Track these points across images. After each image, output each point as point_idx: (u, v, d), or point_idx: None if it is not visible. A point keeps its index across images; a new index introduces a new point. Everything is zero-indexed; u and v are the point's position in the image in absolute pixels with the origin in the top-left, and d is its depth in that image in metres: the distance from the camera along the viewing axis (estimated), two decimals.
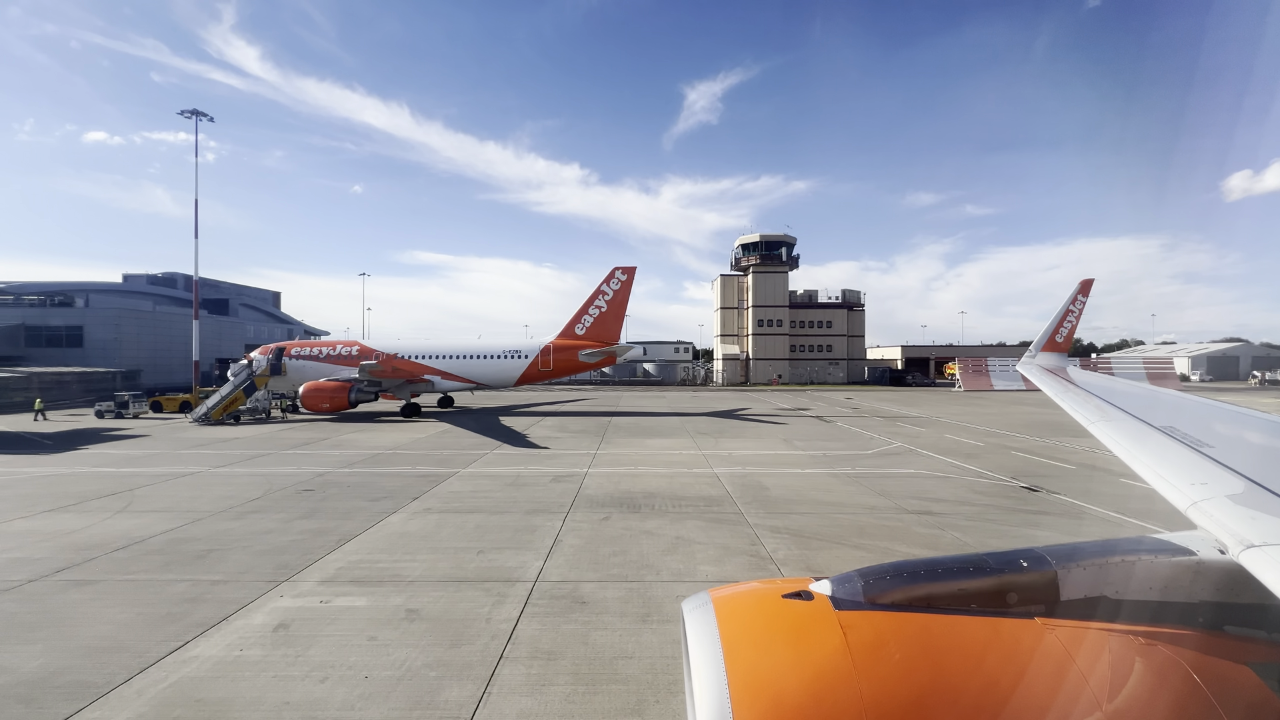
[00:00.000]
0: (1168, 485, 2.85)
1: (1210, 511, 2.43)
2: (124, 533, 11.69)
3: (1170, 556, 2.48)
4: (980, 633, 2.32)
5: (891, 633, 2.29)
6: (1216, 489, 2.60)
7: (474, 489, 15.67)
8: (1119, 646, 2.26)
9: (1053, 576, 2.47)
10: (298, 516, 12.91)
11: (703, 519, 12.78)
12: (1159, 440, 3.47)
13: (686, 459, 20.36)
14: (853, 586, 2.49)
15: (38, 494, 15.11)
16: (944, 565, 2.57)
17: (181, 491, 15.34)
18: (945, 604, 2.42)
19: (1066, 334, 8.10)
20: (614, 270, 37.64)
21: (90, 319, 51.84)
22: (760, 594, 2.68)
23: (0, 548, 10.80)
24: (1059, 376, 6.10)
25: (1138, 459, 3.27)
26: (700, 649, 2.27)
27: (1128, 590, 2.44)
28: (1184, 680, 2.16)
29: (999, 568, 2.52)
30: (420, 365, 35.42)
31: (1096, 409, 4.40)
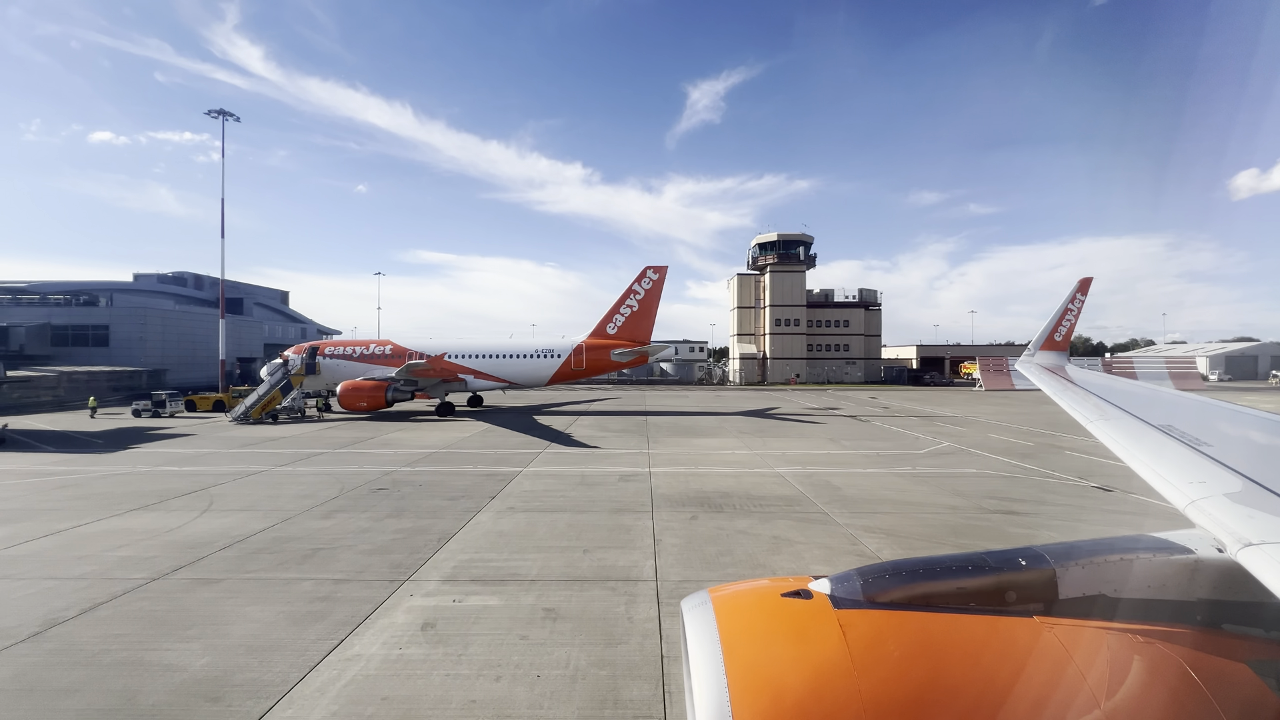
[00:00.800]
0: (1166, 484, 2.85)
1: (1208, 510, 2.42)
2: (222, 531, 11.73)
3: (1168, 555, 2.49)
4: (979, 631, 2.33)
5: (890, 631, 2.29)
6: (1214, 488, 2.60)
7: (546, 488, 15.68)
8: (1117, 644, 2.27)
9: (1051, 575, 2.47)
10: (385, 516, 12.94)
11: (789, 519, 12.77)
12: (1157, 439, 3.50)
13: (742, 458, 20.35)
14: (852, 585, 2.49)
15: (115, 492, 15.16)
16: (943, 564, 2.58)
17: (257, 491, 15.38)
18: (944, 602, 2.42)
19: (1065, 333, 8.14)
20: (645, 270, 37.64)
21: (116, 318, 52.02)
22: (760, 593, 2.68)
23: (106, 546, 10.84)
24: (1057, 375, 6.14)
25: (1136, 458, 3.28)
26: (700, 647, 2.27)
27: (1126, 588, 2.45)
28: (1182, 678, 2.16)
29: (998, 566, 2.53)
30: (458, 365, 35.47)
31: (1095, 408, 4.41)
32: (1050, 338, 7.94)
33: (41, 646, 7.11)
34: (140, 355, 50.95)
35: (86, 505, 13.85)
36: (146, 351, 51.22)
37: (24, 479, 16.91)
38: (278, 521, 12.44)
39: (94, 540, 11.18)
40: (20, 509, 13.53)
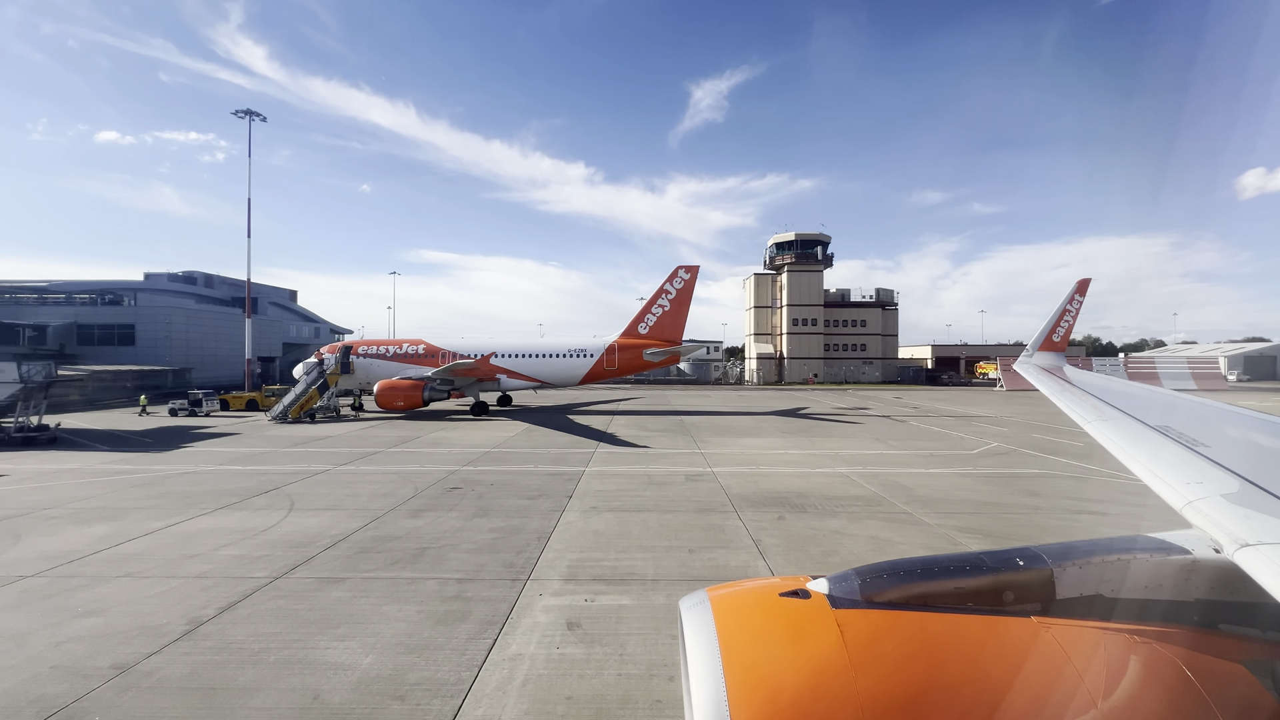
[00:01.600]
0: (1163, 484, 2.85)
1: (1205, 510, 2.42)
2: (318, 530, 11.76)
3: (1165, 555, 2.49)
4: (977, 631, 2.33)
5: (888, 631, 2.29)
6: (1212, 488, 2.60)
7: (618, 488, 15.68)
8: (1114, 644, 2.27)
9: (1049, 575, 2.47)
10: (472, 515, 12.95)
11: (876, 519, 12.76)
12: (1154, 440, 3.49)
13: (797, 458, 20.33)
14: (849, 585, 2.49)
15: (191, 491, 15.21)
16: (940, 564, 2.58)
17: (332, 490, 15.41)
18: (942, 602, 2.42)
19: (1064, 333, 8.14)
20: (677, 269, 37.62)
21: (141, 317, 52.20)
22: (757, 592, 2.69)
23: (212, 545, 10.88)
24: (1056, 376, 6.14)
25: (1133, 458, 3.28)
26: (698, 647, 2.27)
27: (1123, 589, 2.45)
28: (1179, 678, 2.16)
29: (995, 566, 2.53)
30: (496, 365, 35.49)
31: (1093, 408, 4.41)
32: (1049, 338, 7.98)
33: (200, 645, 7.13)
34: (166, 354, 51.10)
35: (170, 504, 13.90)
36: (172, 350, 51.38)
37: (97, 477, 16.98)
38: (369, 521, 12.47)
39: (197, 539, 11.22)
40: (108, 507, 13.58)
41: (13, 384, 22.50)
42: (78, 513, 13.11)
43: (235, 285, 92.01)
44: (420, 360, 36.15)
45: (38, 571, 9.53)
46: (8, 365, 22.66)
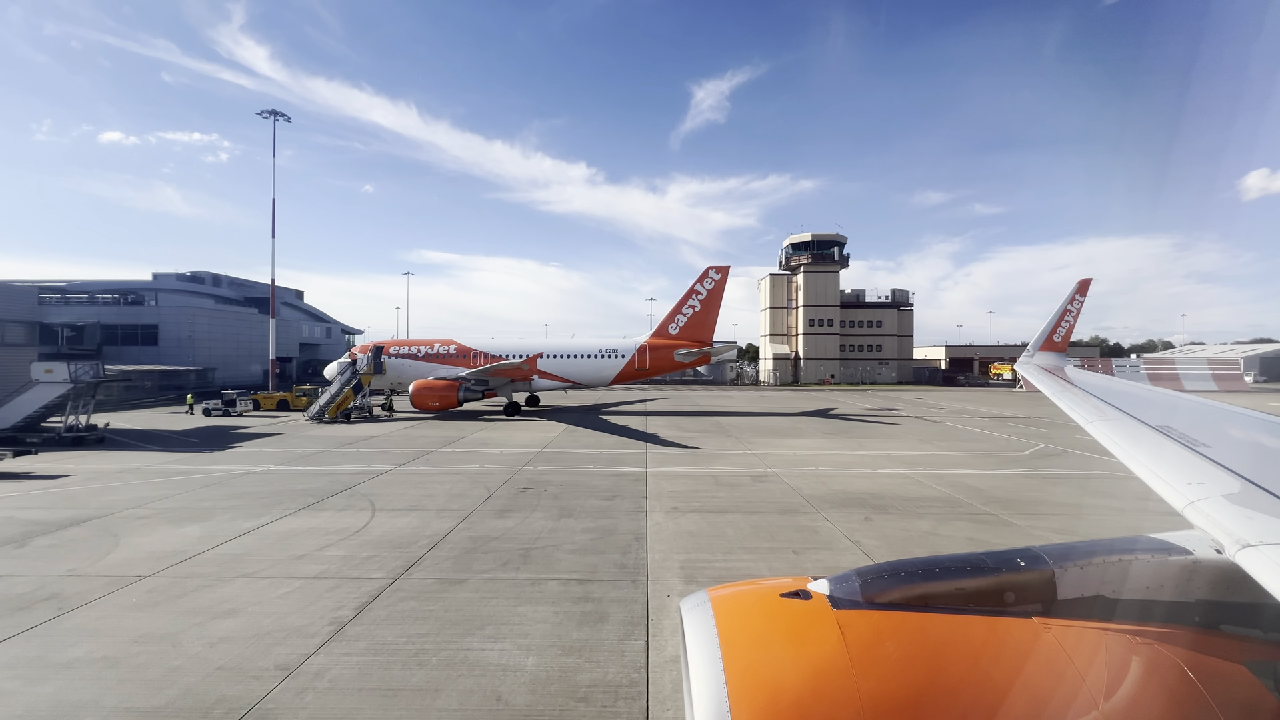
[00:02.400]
0: (1164, 485, 2.84)
1: (1207, 511, 2.41)
2: (412, 531, 11.74)
3: (1167, 556, 2.48)
4: (978, 632, 2.32)
5: (889, 632, 2.29)
6: (1213, 489, 2.59)
7: (690, 489, 15.65)
8: (1116, 645, 2.26)
9: (1050, 576, 2.47)
10: (558, 515, 12.93)
11: (963, 520, 12.72)
12: (1156, 440, 3.48)
13: (852, 459, 20.28)
14: (850, 586, 2.49)
15: (262, 491, 15.20)
16: (941, 564, 2.58)
17: (405, 490, 15.39)
18: (943, 603, 2.42)
19: (1064, 334, 8.14)
20: (708, 270, 37.61)
21: (164, 317, 52.27)
22: (758, 593, 2.68)
23: (313, 545, 10.87)
24: (1056, 376, 6.12)
25: (1134, 459, 3.26)
26: (698, 648, 2.26)
27: (1124, 589, 2.44)
28: (1180, 679, 2.15)
29: (996, 567, 2.53)
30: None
31: (1094, 409, 4.40)
32: (1049, 339, 7.98)
33: (355, 645, 7.11)
34: (189, 354, 51.16)
35: (249, 504, 13.89)
36: (196, 351, 51.43)
37: (162, 477, 16.98)
38: (458, 521, 12.45)
39: (295, 540, 11.20)
40: (189, 507, 13.57)
41: (63, 384, 22.51)
42: (161, 513, 13.10)
43: (243, 285, 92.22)
44: (452, 360, 36.16)
45: (153, 572, 9.52)
46: (58, 365, 22.69)
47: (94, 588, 8.86)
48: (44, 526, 11.99)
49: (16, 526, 12.00)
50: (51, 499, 14.42)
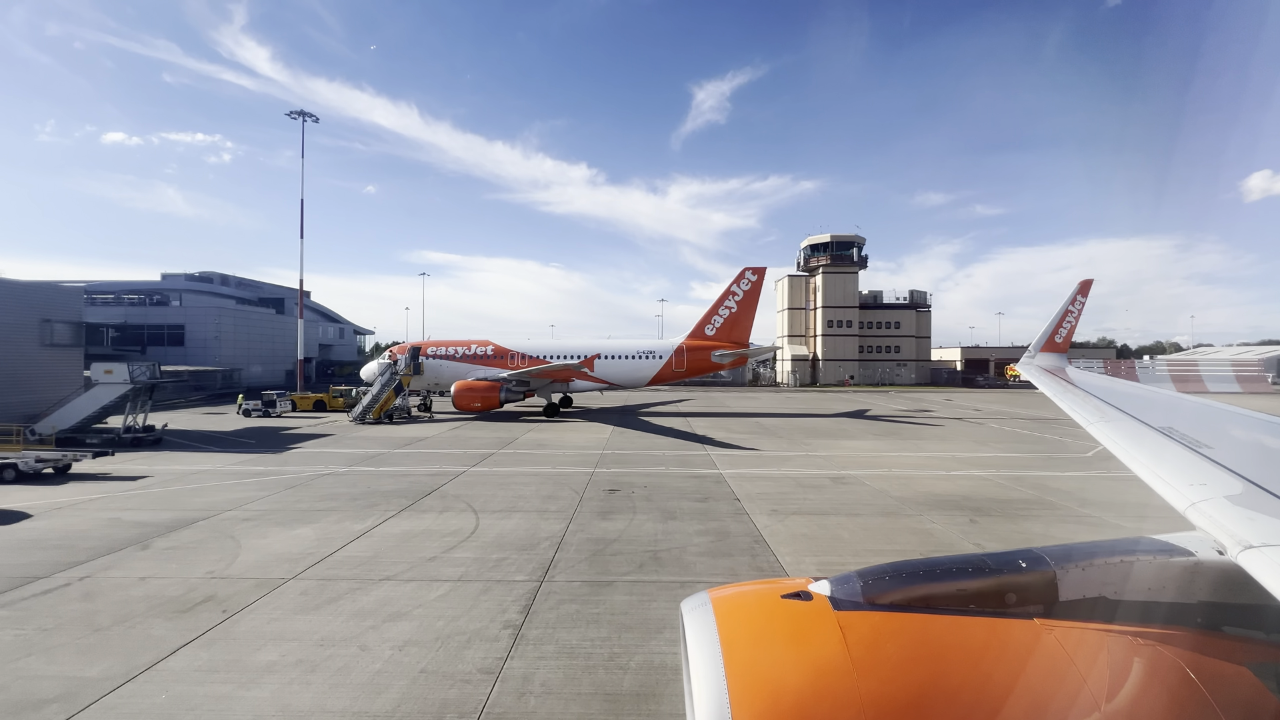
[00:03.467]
0: (1166, 486, 2.83)
1: (1208, 512, 2.41)
2: (526, 533, 11.71)
3: (1168, 557, 2.47)
4: (979, 633, 2.32)
5: (890, 633, 2.29)
6: (1215, 490, 2.59)
7: (775, 490, 15.61)
8: (1117, 647, 2.26)
9: (1051, 577, 2.46)
10: (662, 517, 12.90)
11: (1069, 523, 12.70)
12: (1157, 441, 3.48)
13: (919, 461, 20.24)
14: (851, 587, 2.49)
15: (348, 493, 15.15)
16: (943, 566, 2.57)
17: (493, 491, 15.35)
18: (944, 604, 2.41)
19: (1065, 335, 8.15)
20: (744, 271, 37.58)
21: (191, 317, 52.30)
22: (759, 594, 2.69)
23: (435, 548, 10.83)
24: (1058, 377, 6.14)
25: (1136, 459, 3.25)
26: (699, 649, 2.26)
27: (1126, 591, 2.43)
28: (1182, 681, 2.15)
29: (998, 568, 2.52)
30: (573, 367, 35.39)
31: (1095, 410, 4.40)
32: (1050, 340, 7.99)
33: (545, 649, 7.08)
34: (215, 355, 51.16)
35: (344, 505, 13.85)
36: (221, 351, 51.43)
37: (241, 479, 16.95)
38: (566, 523, 12.41)
39: (414, 542, 11.17)
40: (286, 509, 13.54)
41: (123, 384, 22.49)
42: (264, 515, 13.07)
43: (252, 285, 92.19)
44: (489, 361, 36.13)
45: (294, 574, 9.48)
46: (118, 366, 22.66)
47: (243, 590, 8.83)
48: (154, 528, 11.96)
49: (127, 528, 11.97)
50: (146, 500, 14.39)
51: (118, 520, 12.59)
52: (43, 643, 7.18)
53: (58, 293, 29.60)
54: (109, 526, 12.12)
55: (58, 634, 7.41)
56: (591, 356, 34.61)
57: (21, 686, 6.22)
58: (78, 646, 7.09)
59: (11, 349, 26.05)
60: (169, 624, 7.71)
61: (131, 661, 6.74)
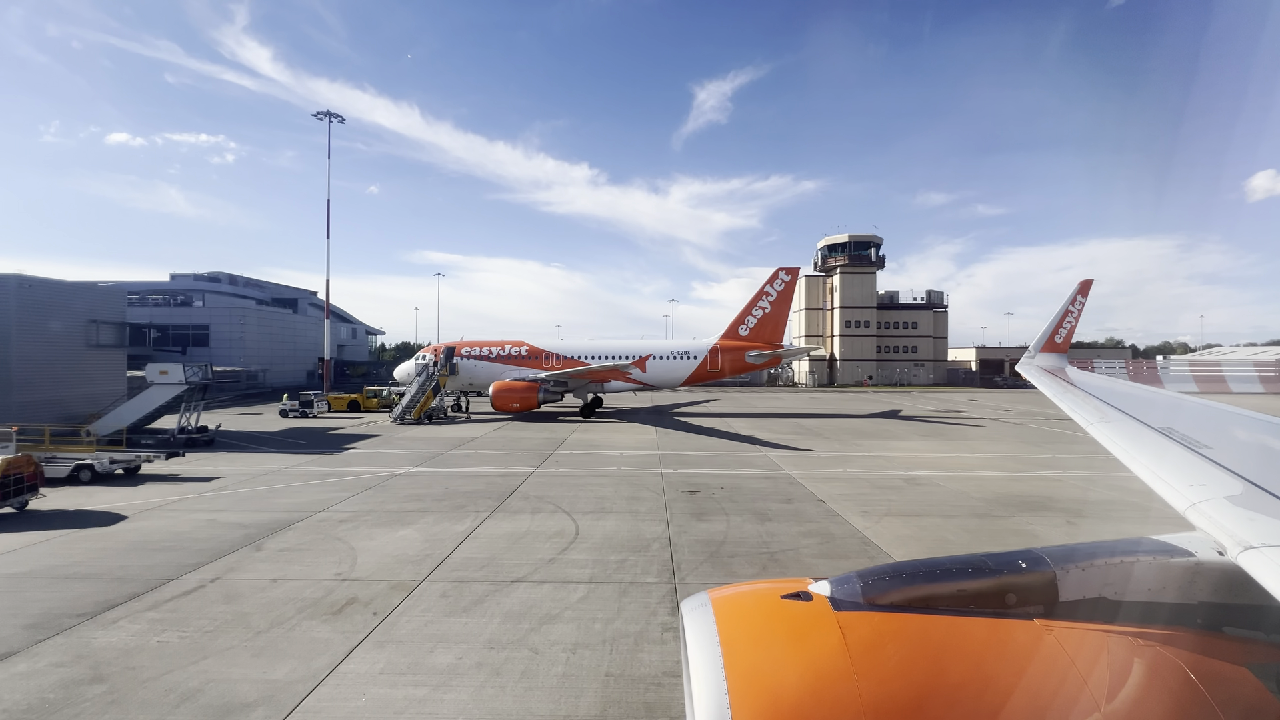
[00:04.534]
0: (1166, 486, 2.83)
1: (1209, 513, 2.41)
2: (631, 533, 11.68)
3: (1169, 558, 2.48)
4: (979, 633, 2.32)
5: (890, 633, 2.28)
6: (1215, 490, 2.59)
7: (853, 491, 15.57)
8: (1118, 647, 2.26)
9: (1051, 577, 2.46)
10: (757, 519, 12.87)
11: (1175, 525, 12.63)
12: (1157, 441, 3.48)
13: (981, 462, 20.20)
14: (851, 587, 2.48)
15: (429, 494, 15.13)
16: (943, 566, 2.57)
17: (574, 492, 15.32)
18: (944, 605, 2.41)
19: (1065, 335, 8.15)
20: (777, 271, 37.54)
21: (216, 318, 52.37)
22: (759, 594, 2.68)
23: (549, 550, 10.81)
24: (1058, 377, 6.14)
25: (1136, 460, 3.25)
26: (699, 649, 2.26)
27: (1126, 591, 2.43)
28: (1182, 681, 2.15)
29: (998, 569, 2.52)
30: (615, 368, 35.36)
31: (1095, 410, 4.40)
32: (1050, 340, 7.99)
33: None
34: (239, 355, 51.20)
35: (432, 505, 13.84)
36: (246, 352, 51.48)
37: (313, 480, 16.95)
38: (663, 524, 12.39)
39: (525, 543, 11.15)
40: (375, 510, 13.52)
41: (178, 385, 22.50)
42: (356, 515, 13.05)
43: (260, 285, 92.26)
44: (524, 362, 36.11)
45: (424, 576, 9.45)
46: (173, 366, 22.67)
47: (380, 592, 8.81)
48: (255, 530, 11.95)
49: (228, 529, 11.96)
50: (231, 501, 14.38)
51: (214, 521, 12.58)
52: (211, 645, 7.17)
53: (102, 294, 29.70)
54: (208, 527, 12.11)
55: (221, 636, 7.39)
56: (644, 357, 34.59)
57: (216, 690, 6.20)
58: (248, 649, 7.08)
59: (60, 350, 26.16)
60: (326, 626, 7.70)
61: (310, 664, 6.73)
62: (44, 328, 25.38)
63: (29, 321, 24.71)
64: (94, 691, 6.16)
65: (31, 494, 13.36)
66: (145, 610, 8.14)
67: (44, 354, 25.40)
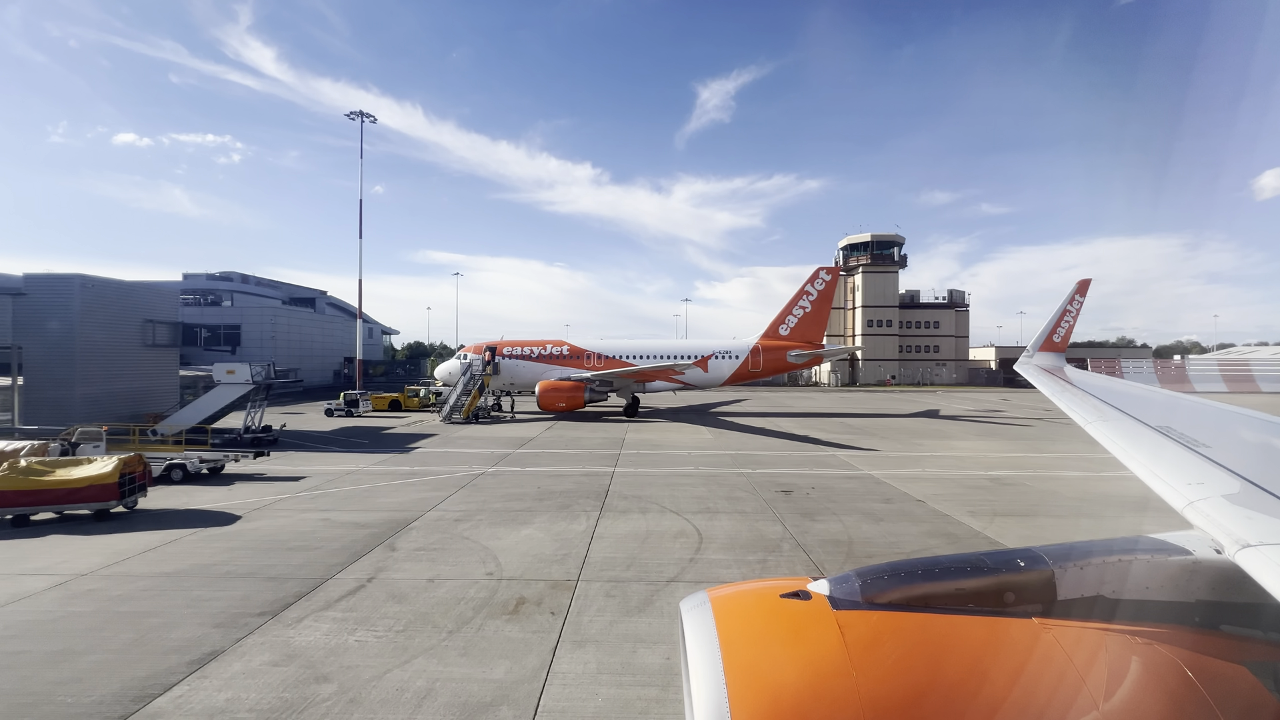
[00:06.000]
0: (1164, 485, 2.83)
1: (1206, 511, 2.43)
2: (754, 534, 11.69)
3: (1167, 556, 2.48)
4: (977, 632, 2.33)
5: (889, 632, 2.29)
6: (1213, 489, 2.60)
7: (948, 491, 15.56)
8: (1116, 646, 2.27)
9: (1050, 576, 2.47)
10: (864, 519, 12.88)
11: None
12: (1155, 440, 3.48)
13: (1048, 461, 20.16)
14: (850, 586, 2.50)
15: (526, 493, 15.15)
16: (941, 565, 2.57)
17: (670, 492, 15.33)
18: (943, 603, 2.42)
19: (1064, 334, 8.14)
20: (818, 270, 37.53)
21: (247, 318, 52.56)
22: (758, 593, 2.69)
23: (680, 550, 10.82)
24: (1056, 376, 6.12)
25: (1134, 459, 3.25)
26: (698, 648, 2.26)
27: (1124, 590, 2.44)
28: (1180, 679, 2.15)
29: (996, 567, 2.53)
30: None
31: (1093, 409, 4.42)
32: (1049, 339, 7.97)
33: None
34: (269, 355, 51.32)
35: (535, 505, 13.86)
36: (276, 351, 51.64)
37: (397, 479, 17.00)
38: (779, 524, 12.39)
39: (653, 543, 11.16)
40: (483, 510, 13.53)
41: (245, 384, 22.59)
42: (468, 515, 13.08)
43: (272, 285, 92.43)
44: (565, 361, 36.15)
45: (574, 576, 9.47)
46: (240, 366, 22.77)
47: (541, 591, 8.83)
48: (375, 529, 11.98)
49: (348, 530, 12.00)
50: (334, 501, 14.43)
51: (329, 521, 12.63)
52: (411, 644, 7.19)
53: (156, 294, 29.85)
54: (327, 527, 12.15)
55: (416, 636, 7.42)
56: (706, 357, 34.65)
57: (448, 689, 6.23)
58: (452, 648, 7.10)
59: (118, 349, 26.32)
60: (512, 625, 7.73)
61: (521, 664, 6.76)
62: (105, 327, 25.53)
63: (91, 321, 24.85)
64: (326, 690, 6.20)
65: (140, 493, 13.44)
66: (322, 610, 8.18)
67: (104, 352, 25.55)
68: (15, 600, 8.53)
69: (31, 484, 12.09)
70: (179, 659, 6.85)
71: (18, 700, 6.04)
